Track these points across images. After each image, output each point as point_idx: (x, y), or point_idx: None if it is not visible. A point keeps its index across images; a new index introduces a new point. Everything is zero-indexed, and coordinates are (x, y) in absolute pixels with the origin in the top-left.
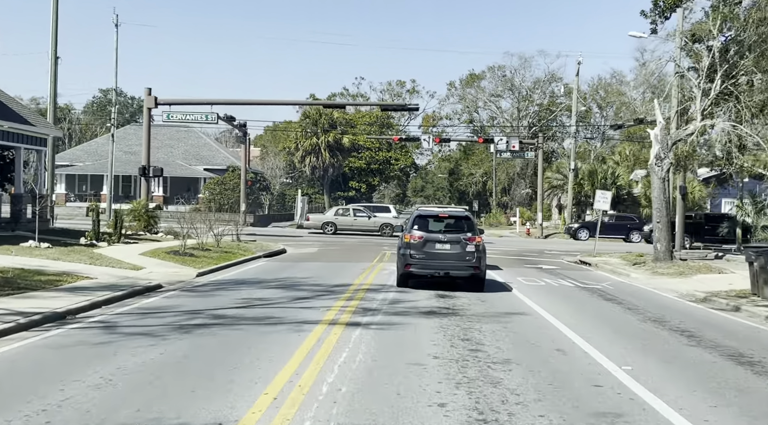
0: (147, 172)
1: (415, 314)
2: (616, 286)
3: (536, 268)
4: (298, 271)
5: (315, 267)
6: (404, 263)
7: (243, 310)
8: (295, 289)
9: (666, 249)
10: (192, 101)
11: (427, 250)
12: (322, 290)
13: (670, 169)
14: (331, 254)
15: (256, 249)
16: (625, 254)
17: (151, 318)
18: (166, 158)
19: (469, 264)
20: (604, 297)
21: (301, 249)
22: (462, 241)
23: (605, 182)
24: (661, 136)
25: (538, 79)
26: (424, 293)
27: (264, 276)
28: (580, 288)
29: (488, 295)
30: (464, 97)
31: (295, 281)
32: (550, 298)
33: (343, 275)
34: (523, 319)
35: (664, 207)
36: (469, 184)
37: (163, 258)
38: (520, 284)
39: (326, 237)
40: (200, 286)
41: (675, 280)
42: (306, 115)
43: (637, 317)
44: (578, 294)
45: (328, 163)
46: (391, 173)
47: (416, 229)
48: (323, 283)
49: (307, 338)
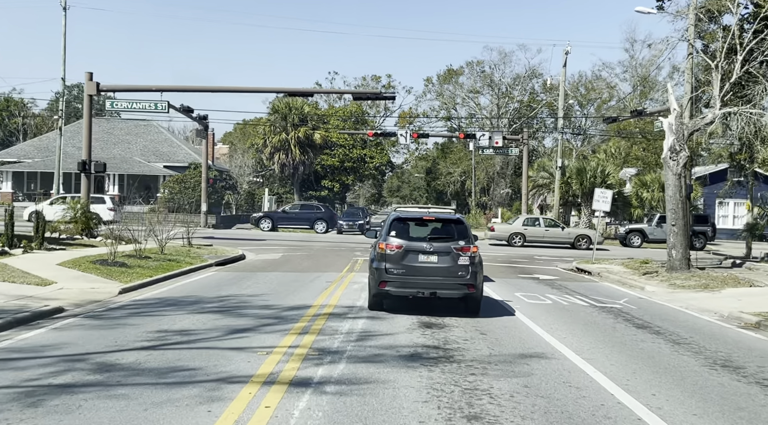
0: (87, 168)
1: (392, 360)
2: (638, 305)
3: (533, 279)
4: (251, 285)
5: (272, 280)
6: (378, 280)
7: (147, 354)
8: (235, 315)
9: (682, 256)
10: (140, 88)
11: (407, 263)
12: (271, 316)
13: (686, 164)
14: (296, 261)
15: (208, 256)
16: (627, 260)
17: (1, 372)
18: (123, 154)
19: (462, 282)
20: (633, 323)
21: (263, 254)
22: (453, 252)
23: (594, 181)
24: (675, 126)
25: (518, 75)
26: (403, 320)
27: (204, 292)
28: (596, 308)
29: (488, 322)
30: (442, 94)
31: (241, 301)
32: (567, 326)
33: (303, 291)
34: (547, 368)
35: (680, 208)
36: (447, 183)
37: (85, 270)
38: (521, 303)
39: (294, 242)
40: (114, 310)
41: (702, 296)
42: (275, 110)
43: (699, 360)
44: (599, 319)
45: (298, 160)
46: (366, 171)
47: (394, 236)
48: (275, 304)
49: (223, 416)
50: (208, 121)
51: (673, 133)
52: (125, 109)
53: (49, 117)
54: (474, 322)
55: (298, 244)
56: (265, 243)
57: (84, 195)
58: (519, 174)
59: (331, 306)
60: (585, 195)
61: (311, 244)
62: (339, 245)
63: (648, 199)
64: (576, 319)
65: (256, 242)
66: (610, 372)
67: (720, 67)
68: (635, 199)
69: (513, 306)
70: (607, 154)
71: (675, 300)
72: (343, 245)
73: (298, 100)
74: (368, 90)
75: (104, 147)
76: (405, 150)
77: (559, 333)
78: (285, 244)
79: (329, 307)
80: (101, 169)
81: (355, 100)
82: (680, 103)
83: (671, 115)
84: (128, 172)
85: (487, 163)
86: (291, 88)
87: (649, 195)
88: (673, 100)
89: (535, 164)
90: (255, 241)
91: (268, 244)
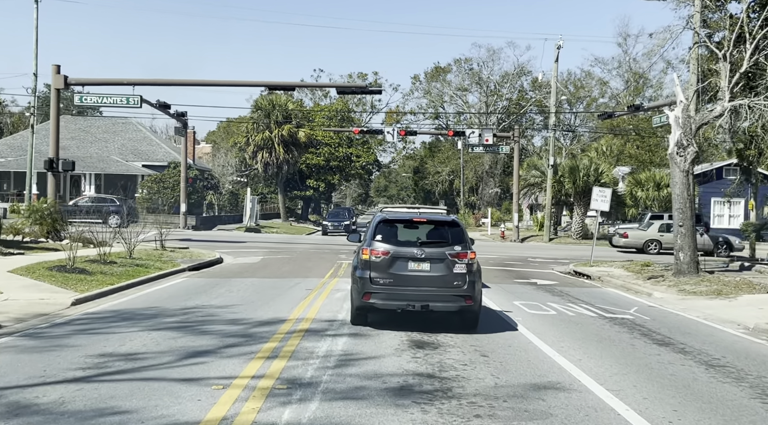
0: (55, 166)
1: (377, 395)
2: (651, 315)
3: (530, 284)
4: (223, 293)
5: (247, 287)
6: (362, 291)
7: (76, 389)
8: (196, 332)
9: (691, 260)
10: (111, 82)
11: (395, 272)
12: (238, 334)
13: (695, 160)
14: (276, 265)
15: (182, 260)
16: (627, 263)
17: None
18: (101, 153)
19: (457, 293)
20: (652, 338)
21: (243, 258)
22: (447, 259)
23: (587, 179)
24: (682, 119)
25: (507, 73)
26: (390, 338)
27: (169, 303)
28: (606, 319)
29: (488, 340)
30: (429, 91)
31: (207, 314)
32: (579, 344)
33: (279, 301)
34: (568, 405)
35: (689, 207)
36: (434, 183)
37: (39, 277)
38: (522, 314)
39: (276, 244)
40: (59, 326)
41: (718, 304)
42: (257, 107)
43: (743, 389)
44: (613, 334)
45: (282, 159)
46: (352, 171)
47: (379, 241)
48: (245, 318)
49: None
50: (186, 117)
51: (680, 127)
52: (95, 103)
53: (28, 116)
54: (472, 340)
55: (280, 247)
56: (246, 246)
57: (51, 194)
58: (508, 173)
59: (309, 320)
60: (578, 194)
61: (294, 247)
62: (323, 247)
63: (643, 198)
64: (587, 334)
65: (236, 244)
66: (648, 412)
67: (728, 57)
68: (629, 198)
69: (514, 319)
70: (598, 152)
71: (690, 309)
72: (327, 247)
73: (282, 98)
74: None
75: (81, 145)
76: (392, 149)
77: (572, 353)
78: (267, 246)
79: (306, 321)
80: (70, 168)
81: (340, 94)
82: (686, 95)
83: (678, 107)
84: (105, 171)
85: (476, 162)
86: (272, 81)
87: (643, 194)
88: (680, 91)
89: (524, 163)
90: (236, 243)
91: (249, 247)
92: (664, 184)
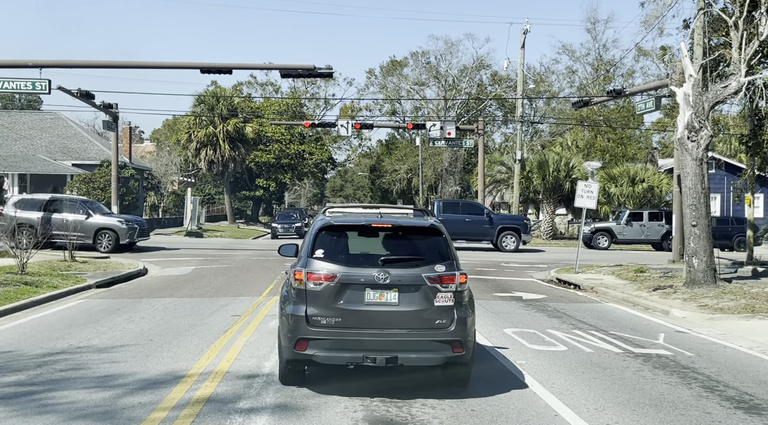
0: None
1: None
2: (691, 348)
3: (515, 300)
4: (118, 325)
5: (156, 313)
6: (294, 336)
7: None
8: (34, 406)
9: (707, 267)
10: (11, 63)
11: (346, 307)
12: (96, 411)
13: (709, 145)
14: (207, 278)
15: (92, 274)
16: (616, 269)
17: None
18: (26, 152)
19: (441, 337)
20: (723, 395)
21: (171, 268)
22: (425, 285)
23: (558, 175)
24: (693, 97)
25: (466, 67)
26: (338, 413)
27: (30, 343)
28: (639, 359)
29: (489, 409)
30: (385, 86)
31: (74, 365)
32: (629, 413)
33: (190, 337)
34: None
35: (703, 203)
36: (392, 181)
37: None
38: (523, 351)
39: (215, 250)
40: None
41: (762, 327)
42: (201, 100)
43: None
44: (663, 389)
45: (228, 156)
46: (305, 169)
47: (321, 258)
48: (125, 373)
49: None
50: (117, 110)
51: (691, 107)
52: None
53: None
54: (465, 411)
55: (219, 253)
56: (180, 253)
57: None
58: (469, 170)
59: (219, 376)
60: (548, 191)
61: (235, 253)
62: (268, 254)
63: (616, 194)
64: (630, 391)
65: (170, 252)
66: None
67: (739, 25)
68: (602, 194)
69: (514, 361)
70: (563, 146)
71: (731, 336)
72: (272, 254)
73: (227, 91)
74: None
75: (4, 143)
76: (347, 146)
77: None
78: (204, 254)
79: (214, 378)
80: None
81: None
82: (689, 73)
83: (687, 83)
84: (31, 171)
85: (435, 160)
86: (207, 63)
87: (617, 190)
88: (689, 63)
89: (486, 160)
90: (170, 251)
91: (183, 254)
92: (639, 179)
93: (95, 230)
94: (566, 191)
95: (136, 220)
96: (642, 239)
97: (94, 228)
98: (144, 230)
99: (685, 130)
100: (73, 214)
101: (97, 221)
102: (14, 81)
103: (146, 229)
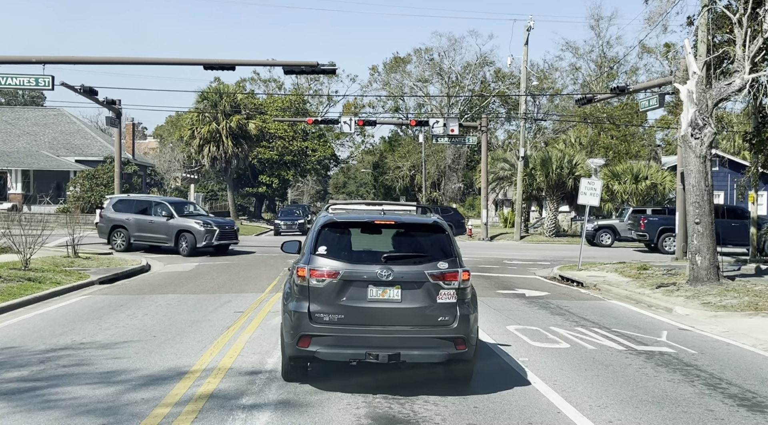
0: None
1: None
2: (694, 346)
3: (518, 297)
4: (121, 321)
5: (158, 309)
6: (297, 333)
7: None
8: (36, 404)
9: (710, 264)
10: (14, 59)
11: (348, 303)
12: (98, 407)
13: (713, 142)
14: (210, 275)
15: (95, 270)
16: (619, 266)
17: None
18: (29, 147)
19: (444, 334)
20: (726, 393)
21: (174, 265)
22: (428, 282)
23: (561, 172)
24: (697, 94)
25: (469, 63)
26: (341, 409)
27: (34, 339)
28: (641, 356)
29: (492, 405)
30: (388, 83)
31: (77, 361)
32: (631, 410)
33: (192, 333)
34: None
35: (707, 200)
36: (395, 178)
37: None
38: (525, 348)
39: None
40: None
41: (764, 323)
42: (204, 97)
43: None
44: (666, 386)
45: (231, 153)
46: (308, 166)
47: (324, 255)
48: (129, 369)
49: None
50: (120, 106)
51: (695, 104)
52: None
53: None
54: (468, 408)
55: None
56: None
57: None
58: (472, 167)
59: (222, 372)
60: (551, 188)
61: (238, 250)
62: (271, 251)
63: (620, 191)
64: (632, 388)
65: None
66: None
67: (743, 23)
68: (605, 191)
69: (516, 358)
70: (566, 144)
71: (734, 333)
72: (275, 251)
73: (231, 87)
74: (309, 78)
75: (7, 139)
76: (350, 143)
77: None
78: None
79: (217, 374)
80: None
81: (287, 73)
82: (692, 70)
83: (691, 80)
84: (34, 167)
85: (438, 157)
86: (210, 59)
87: (621, 187)
88: (692, 61)
89: (489, 157)
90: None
91: None
92: (642, 176)
93: (176, 232)
94: (569, 188)
95: (217, 222)
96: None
97: (175, 230)
98: (228, 233)
99: (688, 128)
100: (157, 216)
101: (177, 223)
102: (18, 77)
103: (233, 231)
